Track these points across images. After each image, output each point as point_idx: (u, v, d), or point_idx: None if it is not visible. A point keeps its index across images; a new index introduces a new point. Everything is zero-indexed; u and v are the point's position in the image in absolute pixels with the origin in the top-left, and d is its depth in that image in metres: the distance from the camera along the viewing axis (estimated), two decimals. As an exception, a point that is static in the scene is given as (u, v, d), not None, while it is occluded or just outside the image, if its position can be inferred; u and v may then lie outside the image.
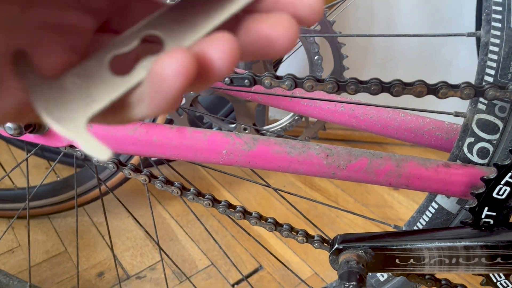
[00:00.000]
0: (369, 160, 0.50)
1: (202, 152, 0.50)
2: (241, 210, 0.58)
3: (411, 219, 0.61)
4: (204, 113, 0.82)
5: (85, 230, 1.15)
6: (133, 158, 0.89)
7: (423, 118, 0.58)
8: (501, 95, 0.42)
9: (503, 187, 0.47)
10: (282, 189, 0.67)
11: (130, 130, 0.49)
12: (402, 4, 1.22)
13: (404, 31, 1.23)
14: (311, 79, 0.45)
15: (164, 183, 0.57)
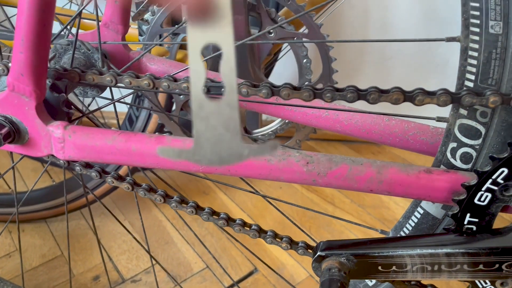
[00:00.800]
0: (349, 167, 0.49)
1: (181, 161, 0.50)
2: (225, 218, 0.58)
3: (398, 224, 0.61)
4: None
5: (82, 234, 1.15)
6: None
7: (407, 122, 0.58)
8: (478, 102, 0.41)
9: (485, 194, 0.46)
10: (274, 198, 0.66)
11: (109, 140, 0.49)
12: (397, 4, 1.21)
13: (399, 31, 1.22)
14: (287, 87, 0.44)
15: (147, 191, 0.57)
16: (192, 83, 0.29)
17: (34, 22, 0.43)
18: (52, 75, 0.51)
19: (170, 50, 0.83)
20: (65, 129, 0.50)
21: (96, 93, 0.63)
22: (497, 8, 0.41)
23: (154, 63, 0.64)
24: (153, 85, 0.48)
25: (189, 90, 0.47)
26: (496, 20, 0.42)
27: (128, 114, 0.99)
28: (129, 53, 0.65)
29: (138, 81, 0.49)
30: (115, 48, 0.64)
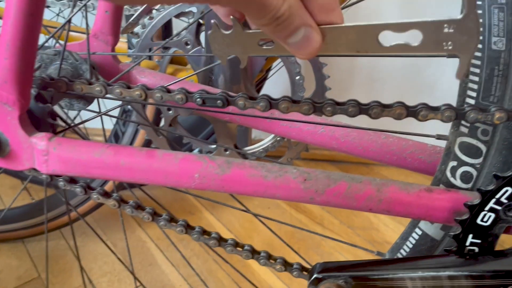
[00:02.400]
0: (348, 184, 0.47)
1: (172, 176, 0.47)
2: (216, 237, 0.55)
3: (395, 245, 0.59)
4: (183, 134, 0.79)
5: (61, 255, 1.10)
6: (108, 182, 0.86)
7: (405, 140, 0.57)
8: (483, 118, 0.40)
9: (488, 213, 0.44)
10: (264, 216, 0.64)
11: (96, 153, 0.47)
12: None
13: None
14: (286, 100, 0.43)
15: (135, 208, 0.54)
16: None
17: (21, 26, 0.41)
18: (37, 84, 0.48)
19: (160, 65, 0.81)
20: (49, 141, 0.47)
21: (82, 105, 0.61)
22: (501, 24, 0.41)
23: (144, 76, 0.62)
24: (145, 96, 0.46)
25: (183, 101, 0.45)
26: (499, 36, 0.41)
27: (114, 130, 0.96)
28: (119, 65, 0.63)
29: (130, 92, 0.46)
30: (104, 60, 0.62)
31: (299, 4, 0.30)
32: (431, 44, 0.34)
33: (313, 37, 0.32)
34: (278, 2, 0.28)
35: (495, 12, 0.41)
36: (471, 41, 0.33)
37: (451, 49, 0.34)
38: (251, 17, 0.30)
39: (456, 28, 0.33)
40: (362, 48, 0.35)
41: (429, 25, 0.34)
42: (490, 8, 0.41)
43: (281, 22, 0.30)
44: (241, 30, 0.37)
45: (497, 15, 0.41)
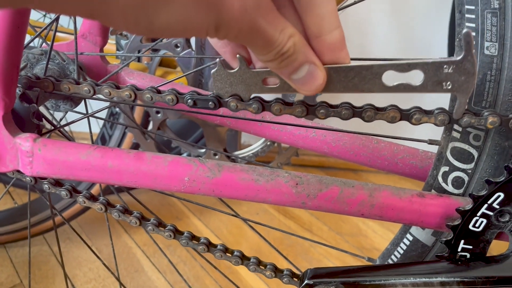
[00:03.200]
0: (340, 189, 0.47)
1: (162, 179, 0.46)
2: (205, 243, 0.54)
3: (385, 251, 0.58)
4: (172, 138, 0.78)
5: (44, 261, 1.07)
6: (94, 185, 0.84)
7: (396, 145, 0.56)
8: (476, 122, 0.40)
9: (480, 219, 0.44)
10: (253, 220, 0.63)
11: (83, 155, 0.45)
12: (376, 32, 1.23)
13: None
14: (279, 103, 0.42)
15: (122, 213, 0.53)
16: None
17: (7, 23, 0.40)
18: (23, 84, 0.47)
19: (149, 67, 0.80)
20: (34, 142, 0.46)
21: (69, 107, 0.59)
22: (493, 29, 0.41)
23: (133, 78, 0.61)
24: (134, 96, 0.45)
25: (173, 103, 0.44)
26: (492, 41, 0.41)
27: (101, 133, 0.95)
28: (107, 67, 0.61)
29: (119, 92, 0.45)
30: (92, 61, 0.60)
31: (304, 41, 0.31)
32: (432, 84, 0.36)
33: (317, 74, 0.33)
34: (284, 39, 0.29)
35: (488, 17, 0.41)
36: (468, 81, 0.35)
37: (450, 88, 0.36)
38: (257, 53, 0.31)
39: (455, 68, 0.35)
40: (366, 87, 0.37)
41: (430, 66, 0.35)
42: (483, 12, 0.41)
43: (285, 58, 0.31)
44: (247, 69, 0.37)
45: (490, 20, 0.41)
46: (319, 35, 0.32)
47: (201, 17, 0.25)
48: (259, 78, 0.38)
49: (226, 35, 0.28)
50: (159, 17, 0.24)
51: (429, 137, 0.51)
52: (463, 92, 0.36)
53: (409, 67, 0.36)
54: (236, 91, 0.39)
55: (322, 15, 0.31)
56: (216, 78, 0.39)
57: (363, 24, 1.24)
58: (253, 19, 0.27)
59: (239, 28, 0.27)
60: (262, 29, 0.28)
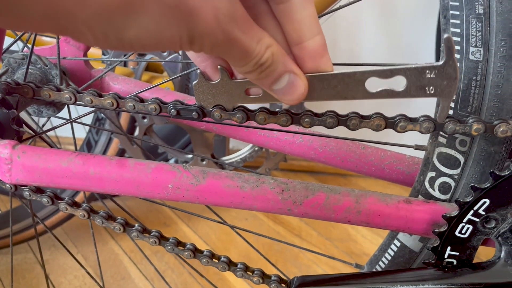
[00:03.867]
0: (326, 195, 0.46)
1: (145, 186, 0.45)
2: (191, 249, 0.53)
3: (373, 258, 0.58)
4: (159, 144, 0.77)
5: (28, 269, 1.05)
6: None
7: (383, 151, 0.56)
8: (461, 129, 0.40)
9: (466, 225, 0.44)
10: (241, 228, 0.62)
11: (63, 161, 0.44)
12: (364, 37, 1.23)
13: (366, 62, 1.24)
14: (263, 112, 0.41)
15: (105, 219, 0.52)
16: None
17: (-17, 27, 0.39)
18: (2, 89, 0.46)
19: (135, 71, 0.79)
20: (13, 149, 0.44)
21: (52, 112, 0.58)
22: (478, 35, 0.41)
23: (117, 83, 0.60)
24: (116, 104, 0.44)
25: (157, 112, 0.44)
26: (477, 46, 0.41)
27: (87, 138, 0.93)
28: (91, 71, 0.60)
29: (101, 100, 0.44)
30: (76, 65, 0.59)
31: (282, 51, 0.31)
32: (415, 89, 0.36)
33: (298, 83, 0.33)
34: (261, 49, 0.29)
35: (472, 22, 0.41)
36: (451, 86, 0.35)
37: (433, 93, 0.36)
38: (235, 64, 0.31)
39: (437, 73, 0.35)
40: (350, 94, 0.37)
41: (412, 71, 0.36)
42: (468, 18, 0.41)
43: (264, 69, 0.30)
44: (229, 80, 0.37)
45: (475, 25, 0.41)
46: (300, 42, 0.32)
47: (173, 30, 0.25)
48: (242, 89, 0.38)
49: (202, 48, 0.27)
50: (129, 31, 0.24)
51: (416, 142, 0.51)
52: (445, 96, 0.36)
53: (391, 73, 0.36)
54: (218, 102, 0.39)
55: (301, 22, 0.31)
56: (197, 89, 0.38)
57: (351, 28, 1.24)
58: (228, 30, 0.26)
59: (214, 39, 0.26)
60: (238, 40, 0.27)
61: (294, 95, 0.33)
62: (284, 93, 0.33)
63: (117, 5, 0.22)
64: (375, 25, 1.24)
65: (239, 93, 0.38)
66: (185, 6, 0.24)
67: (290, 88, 0.32)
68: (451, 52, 0.34)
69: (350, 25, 1.24)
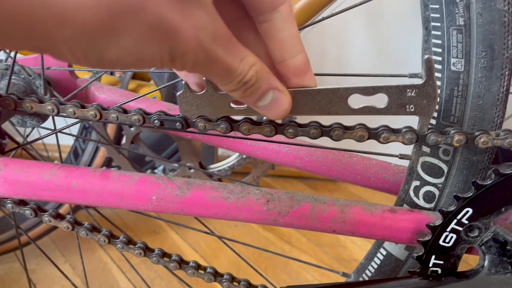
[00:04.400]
0: (312, 205, 0.46)
1: (129, 198, 0.45)
2: (177, 260, 0.53)
3: (360, 266, 0.58)
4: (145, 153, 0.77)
5: (15, 278, 1.04)
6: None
7: (369, 159, 0.56)
8: (443, 140, 0.40)
9: (450, 234, 0.44)
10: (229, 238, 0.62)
11: (46, 174, 0.44)
12: (352, 44, 1.24)
13: (354, 69, 1.25)
14: (248, 122, 0.41)
15: (90, 231, 0.52)
16: None
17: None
18: (-17, 101, 0.45)
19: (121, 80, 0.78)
20: (-5, 162, 0.44)
21: (36, 123, 0.57)
22: (459, 46, 0.41)
23: (103, 92, 0.60)
24: (100, 116, 0.44)
25: (140, 123, 0.43)
26: (458, 57, 0.42)
27: (74, 147, 0.93)
28: (76, 81, 0.60)
29: (84, 112, 0.44)
30: (61, 75, 0.59)
31: (266, 68, 0.31)
32: (396, 107, 0.37)
33: (282, 100, 0.33)
34: (244, 68, 0.29)
35: (453, 33, 0.41)
36: (430, 105, 0.37)
37: (413, 111, 0.37)
38: (218, 83, 0.31)
39: (418, 92, 0.36)
40: (333, 110, 0.38)
41: (394, 89, 0.37)
42: (448, 29, 0.41)
43: (249, 87, 0.30)
44: (213, 92, 0.37)
45: (456, 37, 0.41)
46: (283, 60, 0.32)
47: (153, 49, 0.25)
48: (227, 101, 0.38)
49: (183, 66, 0.27)
50: (109, 50, 0.23)
51: (401, 151, 0.51)
52: (425, 115, 0.37)
53: (374, 91, 0.37)
54: (203, 113, 0.39)
55: (283, 41, 0.31)
56: (182, 100, 0.38)
57: (339, 36, 1.25)
58: (209, 49, 0.26)
59: (195, 58, 0.26)
60: (220, 59, 0.27)
61: (279, 110, 0.33)
62: (269, 109, 0.33)
63: (97, 26, 0.22)
64: (362, 32, 1.25)
65: (224, 105, 0.38)
66: (166, 26, 0.24)
67: (275, 104, 0.33)
68: (431, 72, 0.35)
69: (338, 32, 1.24)
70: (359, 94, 0.37)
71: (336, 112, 0.38)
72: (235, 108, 0.39)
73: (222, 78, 0.29)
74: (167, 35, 0.24)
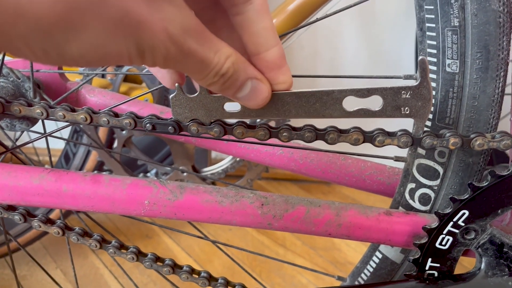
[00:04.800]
0: (307, 208, 0.46)
1: (120, 203, 0.44)
2: (170, 264, 0.52)
3: (355, 270, 0.57)
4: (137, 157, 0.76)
5: (6, 285, 1.02)
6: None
7: (364, 162, 0.56)
8: (438, 144, 0.39)
9: (446, 237, 0.44)
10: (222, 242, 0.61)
11: (35, 179, 0.43)
12: (345, 46, 1.24)
13: (347, 71, 1.24)
14: (241, 126, 0.41)
15: (81, 236, 0.51)
16: None
17: None
18: (-30, 104, 0.44)
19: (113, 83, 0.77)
20: (-18, 167, 0.43)
21: (25, 126, 0.56)
22: (454, 47, 0.41)
23: (94, 95, 0.59)
24: (90, 119, 0.43)
25: (131, 127, 0.43)
26: (453, 58, 0.41)
27: (65, 151, 0.91)
28: (66, 84, 0.59)
29: (74, 115, 0.43)
30: (51, 78, 0.58)
31: (242, 58, 0.30)
32: (391, 109, 0.37)
33: (261, 88, 0.33)
34: (220, 59, 0.28)
35: (448, 34, 0.41)
36: (425, 107, 0.36)
37: (408, 113, 0.37)
38: (194, 77, 0.30)
39: (412, 94, 0.36)
40: (327, 112, 0.38)
41: (389, 91, 0.37)
42: (443, 30, 0.41)
43: (227, 79, 0.30)
44: (207, 94, 0.37)
45: (451, 38, 0.41)
46: (257, 53, 0.31)
47: (119, 44, 0.23)
48: (220, 103, 0.37)
49: (154, 61, 0.26)
50: (71, 47, 0.22)
51: (396, 153, 0.51)
52: (420, 117, 0.37)
53: (368, 93, 0.36)
54: (196, 116, 0.38)
55: (257, 34, 0.30)
56: (174, 103, 0.38)
57: (332, 38, 1.25)
58: (180, 42, 0.25)
59: (165, 52, 0.25)
60: (193, 52, 0.26)
61: (258, 100, 0.33)
62: (249, 99, 0.33)
63: (54, 20, 0.21)
64: (355, 34, 1.25)
65: (217, 107, 0.38)
66: (131, 19, 0.23)
67: (254, 93, 0.32)
68: (426, 73, 0.35)
69: (331, 34, 1.24)
70: (353, 96, 0.37)
71: (330, 114, 0.38)
72: (229, 111, 0.38)
73: (198, 72, 0.28)
74: (133, 29, 0.23)
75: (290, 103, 0.37)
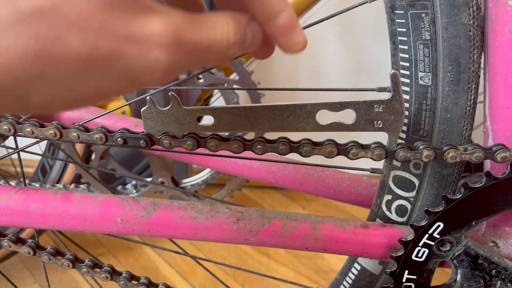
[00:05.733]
0: (283, 223, 0.45)
1: (92, 221, 0.43)
2: (145, 283, 0.51)
3: (335, 281, 0.57)
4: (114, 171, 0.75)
5: (-19, 302, 0.99)
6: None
7: (341, 173, 0.56)
8: (412, 156, 0.39)
9: (422, 249, 0.44)
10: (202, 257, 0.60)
11: (2, 198, 0.41)
12: (326, 53, 1.24)
13: (328, 79, 1.25)
14: (215, 138, 0.40)
15: (53, 255, 0.49)
16: None
17: None
18: None
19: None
20: None
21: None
22: (426, 60, 0.41)
23: (68, 109, 0.58)
24: (60, 135, 0.42)
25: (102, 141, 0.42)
26: (425, 71, 0.42)
27: (41, 163, 0.89)
28: (39, 97, 0.58)
29: (43, 131, 0.42)
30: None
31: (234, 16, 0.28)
32: (364, 123, 0.37)
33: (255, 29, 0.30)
34: (222, 30, 0.26)
35: (420, 48, 0.41)
36: (397, 121, 0.37)
37: (381, 127, 0.37)
38: (212, 63, 0.29)
39: (385, 108, 0.36)
40: (301, 126, 0.38)
41: (361, 105, 0.37)
42: (415, 44, 0.41)
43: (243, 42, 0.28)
44: (179, 107, 0.36)
45: (423, 51, 0.41)
46: (267, 20, 0.29)
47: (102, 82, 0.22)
48: (193, 116, 0.37)
49: (160, 79, 0.24)
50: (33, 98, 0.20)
51: (373, 165, 0.51)
52: (393, 130, 0.38)
53: (341, 106, 0.36)
54: (168, 130, 0.38)
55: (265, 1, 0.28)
56: (146, 116, 0.37)
57: (313, 45, 1.25)
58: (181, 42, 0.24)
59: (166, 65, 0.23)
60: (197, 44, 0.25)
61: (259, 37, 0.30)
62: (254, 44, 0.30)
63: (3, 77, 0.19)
64: (336, 42, 1.26)
65: (190, 120, 0.37)
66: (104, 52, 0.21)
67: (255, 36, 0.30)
68: (398, 87, 0.35)
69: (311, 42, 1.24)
70: (326, 109, 0.37)
71: (304, 128, 0.37)
72: (201, 124, 0.38)
73: (213, 58, 0.26)
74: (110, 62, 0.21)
75: (263, 116, 0.37)
